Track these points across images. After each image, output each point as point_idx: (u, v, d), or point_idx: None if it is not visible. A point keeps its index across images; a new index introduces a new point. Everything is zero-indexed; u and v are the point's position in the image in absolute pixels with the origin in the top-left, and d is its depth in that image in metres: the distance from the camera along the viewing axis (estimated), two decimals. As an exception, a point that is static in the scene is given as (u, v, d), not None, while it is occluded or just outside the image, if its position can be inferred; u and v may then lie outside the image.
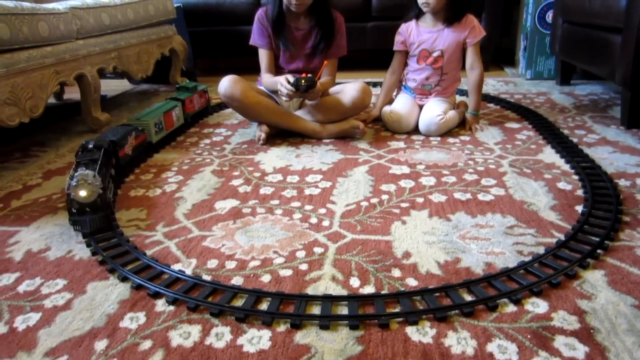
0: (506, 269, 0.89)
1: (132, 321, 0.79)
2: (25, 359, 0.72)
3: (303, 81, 1.52)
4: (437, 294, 0.83)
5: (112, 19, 1.98)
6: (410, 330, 0.75)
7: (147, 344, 0.74)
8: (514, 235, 1.01)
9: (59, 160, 1.59)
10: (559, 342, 0.71)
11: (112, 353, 0.72)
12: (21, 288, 0.89)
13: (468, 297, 0.82)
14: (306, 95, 1.61)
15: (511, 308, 0.79)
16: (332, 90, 1.76)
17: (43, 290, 0.88)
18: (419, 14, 1.73)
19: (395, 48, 1.79)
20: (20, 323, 0.79)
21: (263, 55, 1.74)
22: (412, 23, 1.75)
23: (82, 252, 1.01)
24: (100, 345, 0.74)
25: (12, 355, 0.72)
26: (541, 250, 0.95)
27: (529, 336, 0.73)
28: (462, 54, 1.73)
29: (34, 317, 0.81)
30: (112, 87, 2.81)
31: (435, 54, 1.71)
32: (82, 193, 1.04)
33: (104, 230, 1.06)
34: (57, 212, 1.20)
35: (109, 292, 0.87)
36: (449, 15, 1.67)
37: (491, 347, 0.71)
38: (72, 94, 2.53)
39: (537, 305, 0.79)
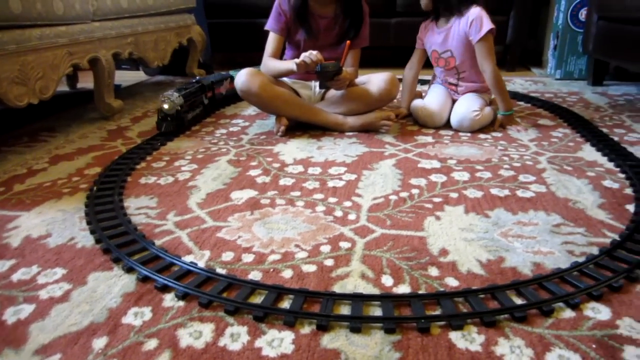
0: (558, 269, 0.79)
1: (137, 317, 0.70)
2: (12, 357, 0.63)
3: (330, 67, 1.43)
4: (482, 296, 0.73)
5: (130, 3, 1.91)
6: (454, 336, 0.65)
7: (152, 344, 0.64)
8: (562, 234, 0.91)
9: (68, 145, 1.51)
10: (630, 353, 0.61)
11: (112, 353, 0.63)
12: (15, 276, 0.81)
13: (518, 300, 0.72)
14: (333, 84, 1.52)
15: (569, 313, 0.69)
16: (357, 80, 1.66)
17: (39, 279, 0.79)
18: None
19: (416, 45, 1.71)
20: (10, 315, 0.71)
21: (273, 40, 1.62)
22: (431, 22, 1.65)
23: (85, 239, 0.92)
24: (99, 343, 0.65)
25: (-1, 352, 0.64)
26: (594, 250, 0.85)
27: (593, 346, 0.62)
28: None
29: (27, 309, 0.72)
30: (127, 77, 2.75)
31: (445, 55, 1.61)
32: (165, 106, 1.53)
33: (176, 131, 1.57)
34: (62, 197, 1.12)
35: (112, 283, 0.78)
36: (439, 7, 1.56)
37: (551, 358, 0.61)
38: (86, 83, 2.47)
39: (598, 311, 0.69)
